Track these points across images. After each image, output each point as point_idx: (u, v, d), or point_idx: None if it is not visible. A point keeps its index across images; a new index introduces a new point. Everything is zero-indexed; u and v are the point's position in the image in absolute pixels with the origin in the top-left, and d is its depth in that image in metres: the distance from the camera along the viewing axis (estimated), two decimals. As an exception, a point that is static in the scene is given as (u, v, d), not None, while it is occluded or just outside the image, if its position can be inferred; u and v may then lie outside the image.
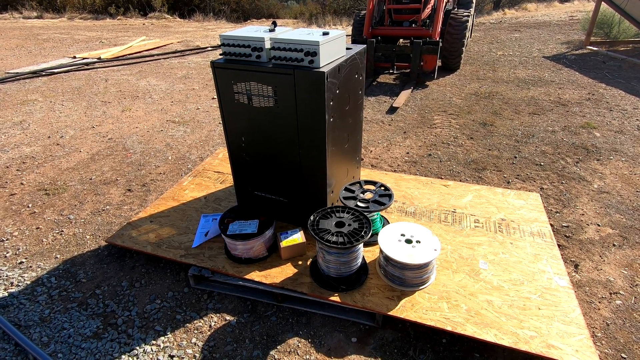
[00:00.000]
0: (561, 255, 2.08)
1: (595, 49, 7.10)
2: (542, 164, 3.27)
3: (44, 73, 6.43)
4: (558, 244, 2.28)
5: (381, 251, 1.90)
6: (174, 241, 2.25)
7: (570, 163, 3.27)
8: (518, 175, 3.11)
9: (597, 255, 2.26)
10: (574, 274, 2.14)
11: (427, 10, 5.79)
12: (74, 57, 7.55)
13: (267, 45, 1.85)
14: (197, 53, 8.01)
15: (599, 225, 2.50)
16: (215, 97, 5.22)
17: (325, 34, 1.83)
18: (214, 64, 1.95)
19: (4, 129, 4.21)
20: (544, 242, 2.16)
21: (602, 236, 2.41)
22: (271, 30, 1.96)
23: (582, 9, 12.61)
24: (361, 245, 1.88)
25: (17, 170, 3.35)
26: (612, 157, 3.33)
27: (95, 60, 7.27)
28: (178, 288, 2.09)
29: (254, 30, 2.00)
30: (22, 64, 7.09)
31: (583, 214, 2.61)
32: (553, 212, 2.65)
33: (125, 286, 2.11)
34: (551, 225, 2.47)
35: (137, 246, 2.22)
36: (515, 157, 3.39)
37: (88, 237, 2.52)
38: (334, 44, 1.86)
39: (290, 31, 1.96)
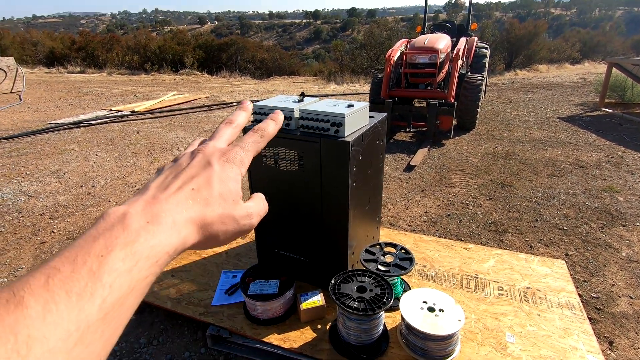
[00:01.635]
0: (593, 330, 1.98)
1: (610, 111, 7.21)
2: (565, 228, 3.22)
3: (82, 124, 6.93)
4: (589, 317, 2.18)
5: (403, 319, 1.86)
6: (194, 297, 2.26)
7: (594, 228, 3.20)
8: (541, 239, 3.06)
9: (632, 331, 2.14)
10: (609, 352, 2.02)
11: (442, 74, 6.12)
12: (110, 110, 8.15)
13: (297, 114, 2.00)
14: (223, 108, 8.52)
15: (631, 298, 2.39)
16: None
17: (350, 105, 1.97)
18: (245, 131, 2.10)
19: (42, 177, 4.48)
20: (574, 314, 2.07)
21: (636, 310, 2.29)
22: (300, 101, 2.12)
23: (593, 70, 13.01)
24: (383, 312, 1.85)
25: (50, 218, 3.51)
26: (638, 224, 3.25)
27: (129, 112, 7.82)
28: (195, 348, 2.06)
29: (284, 100, 2.18)
30: (64, 115, 7.68)
31: (613, 284, 2.51)
32: (580, 281, 2.56)
33: (142, 343, 2.10)
34: (580, 295, 2.37)
35: (158, 302, 2.24)
36: (537, 220, 3.35)
37: (110, 289, 2.55)
38: (358, 115, 1.99)
39: (318, 102, 2.11)
